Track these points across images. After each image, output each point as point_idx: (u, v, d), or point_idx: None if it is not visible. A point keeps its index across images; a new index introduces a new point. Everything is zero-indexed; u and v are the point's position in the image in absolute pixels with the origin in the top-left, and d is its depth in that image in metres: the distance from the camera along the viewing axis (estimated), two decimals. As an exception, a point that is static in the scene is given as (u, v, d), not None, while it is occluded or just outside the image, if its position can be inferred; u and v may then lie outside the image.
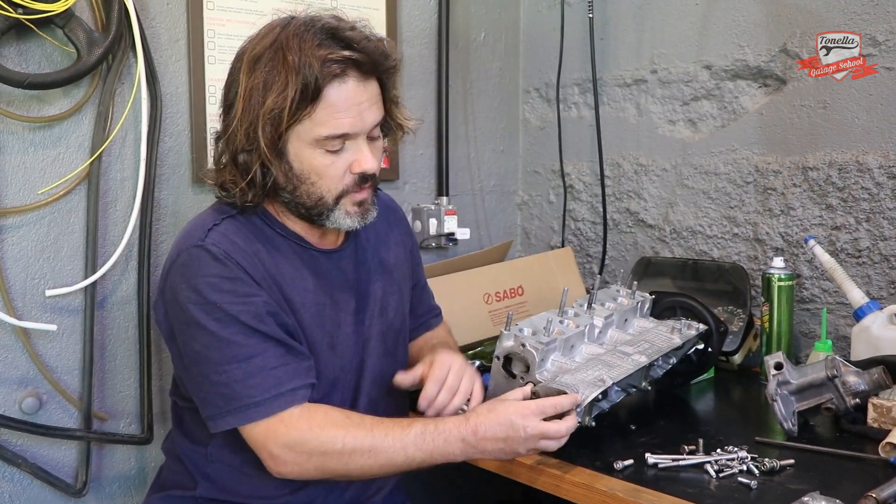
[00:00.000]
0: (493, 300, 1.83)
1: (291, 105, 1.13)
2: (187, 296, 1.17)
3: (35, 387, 1.54)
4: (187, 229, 1.25)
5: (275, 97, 1.14)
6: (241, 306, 1.16)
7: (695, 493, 1.11)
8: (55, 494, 1.56)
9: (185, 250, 1.19)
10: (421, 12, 2.10)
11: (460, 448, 1.15)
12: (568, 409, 1.18)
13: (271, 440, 1.15)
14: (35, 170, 1.52)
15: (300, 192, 1.22)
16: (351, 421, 1.18)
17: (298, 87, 1.13)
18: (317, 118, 1.16)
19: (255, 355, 1.16)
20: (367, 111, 1.20)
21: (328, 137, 1.17)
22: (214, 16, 1.71)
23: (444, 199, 2.14)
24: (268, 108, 1.14)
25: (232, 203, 1.24)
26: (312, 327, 1.25)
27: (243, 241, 1.21)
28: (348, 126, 1.18)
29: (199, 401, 1.20)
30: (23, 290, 1.52)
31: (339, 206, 1.23)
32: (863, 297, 1.57)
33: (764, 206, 1.87)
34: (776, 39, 1.82)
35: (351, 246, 1.35)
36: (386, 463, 1.15)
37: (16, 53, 1.47)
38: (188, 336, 1.18)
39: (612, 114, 2.16)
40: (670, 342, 1.45)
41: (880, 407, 1.33)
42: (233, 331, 1.15)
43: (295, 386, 1.17)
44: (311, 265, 1.27)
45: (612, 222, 2.18)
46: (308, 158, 1.19)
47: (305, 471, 1.16)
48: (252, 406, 1.15)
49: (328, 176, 1.20)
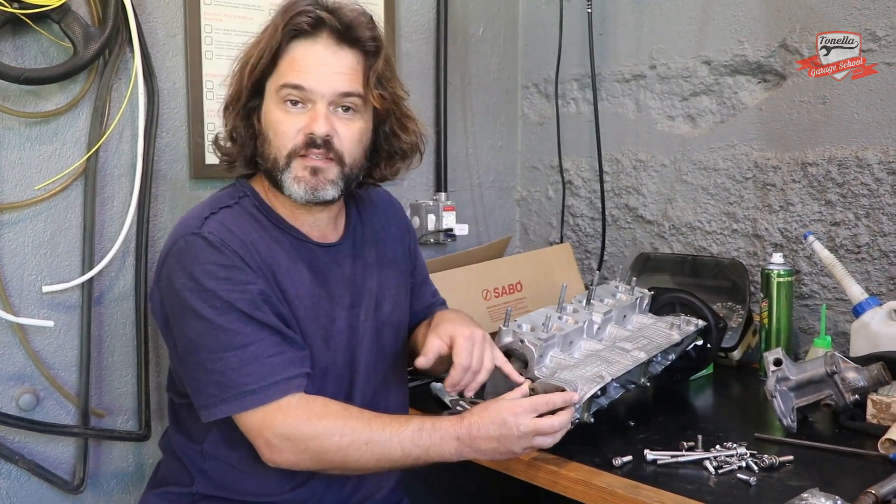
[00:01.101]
0: (491, 296, 1.82)
1: (262, 54, 1.19)
2: (183, 283, 1.16)
3: (32, 383, 1.54)
4: (184, 218, 1.25)
5: (256, 50, 1.20)
6: (237, 294, 1.16)
7: (694, 489, 1.11)
8: (53, 491, 1.56)
9: (182, 238, 1.19)
10: (419, 7, 2.09)
11: (455, 447, 1.15)
12: (561, 406, 1.18)
13: (268, 429, 1.14)
14: (31, 165, 1.51)
15: (264, 154, 1.23)
16: (349, 413, 1.17)
17: (268, 37, 1.19)
18: (280, 70, 1.20)
19: (251, 343, 1.15)
20: (334, 77, 1.19)
21: (285, 86, 1.19)
22: (212, 11, 1.70)
23: (443, 194, 2.13)
24: (244, 64, 1.21)
25: (232, 190, 1.28)
26: (306, 319, 1.24)
27: (240, 230, 1.21)
28: (306, 81, 1.18)
29: (192, 390, 1.19)
30: (19, 287, 1.51)
31: (290, 168, 1.20)
32: (862, 293, 1.57)
33: (763, 202, 1.87)
34: (776, 35, 1.81)
35: (349, 241, 1.35)
36: (382, 457, 1.15)
37: (12, 48, 1.46)
38: (184, 324, 1.17)
39: (610, 109, 2.15)
40: (669, 338, 1.45)
41: (879, 403, 1.33)
42: (229, 318, 1.15)
43: (290, 375, 1.17)
44: (307, 258, 1.27)
45: (611, 218, 2.18)
46: (269, 112, 1.22)
47: (301, 460, 1.16)
48: (247, 394, 1.14)
49: (280, 133, 1.20)
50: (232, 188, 1.30)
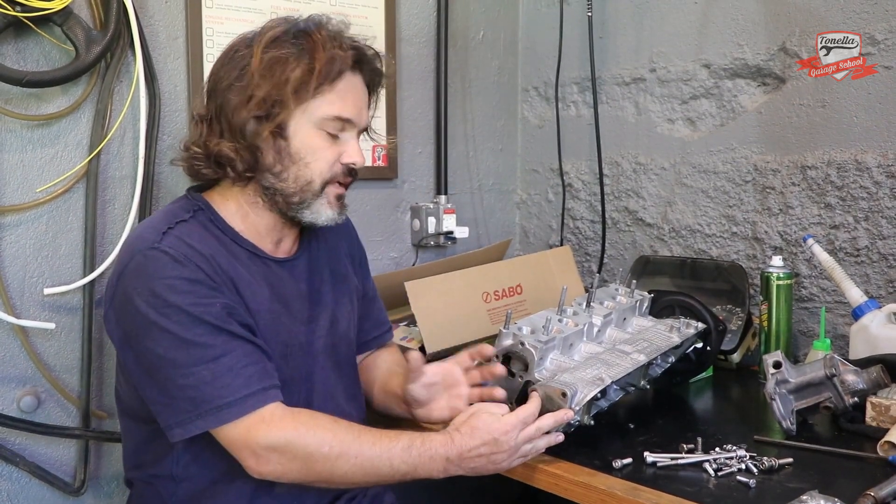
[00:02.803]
0: (491, 299, 1.82)
1: (318, 75, 1.18)
2: (146, 299, 1.11)
3: (33, 385, 1.54)
4: (137, 233, 1.20)
5: (302, 69, 1.18)
6: (203, 307, 1.12)
7: (693, 491, 1.11)
8: (54, 493, 1.56)
9: (140, 252, 1.14)
10: (420, 11, 2.10)
11: (443, 466, 1.15)
12: (552, 426, 1.19)
13: (252, 440, 1.11)
14: (33, 168, 1.52)
15: (288, 173, 1.22)
16: (339, 425, 1.15)
17: (324, 64, 1.19)
18: (330, 98, 1.21)
19: (223, 355, 1.11)
20: (364, 112, 1.27)
21: (335, 118, 1.21)
22: (213, 14, 1.71)
23: (443, 197, 2.14)
24: (294, 78, 1.17)
25: (196, 196, 1.26)
26: (267, 335, 1.21)
27: (199, 244, 1.18)
28: (354, 114, 1.23)
29: (161, 408, 1.13)
30: (21, 289, 1.52)
31: (323, 193, 1.24)
32: (861, 296, 1.57)
33: (763, 205, 1.87)
34: (775, 38, 1.82)
35: (304, 256, 1.33)
36: (371, 471, 1.14)
37: (14, 51, 1.47)
38: (149, 340, 1.12)
39: (610, 112, 2.16)
40: (669, 341, 1.45)
41: (879, 406, 1.33)
42: (197, 332, 1.11)
43: (266, 385, 1.14)
44: (265, 273, 1.25)
45: (611, 221, 2.18)
46: (307, 137, 1.21)
47: (288, 471, 1.13)
48: (224, 407, 1.10)
49: (322, 158, 1.22)
50: (185, 201, 1.26)
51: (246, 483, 1.18)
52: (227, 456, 1.15)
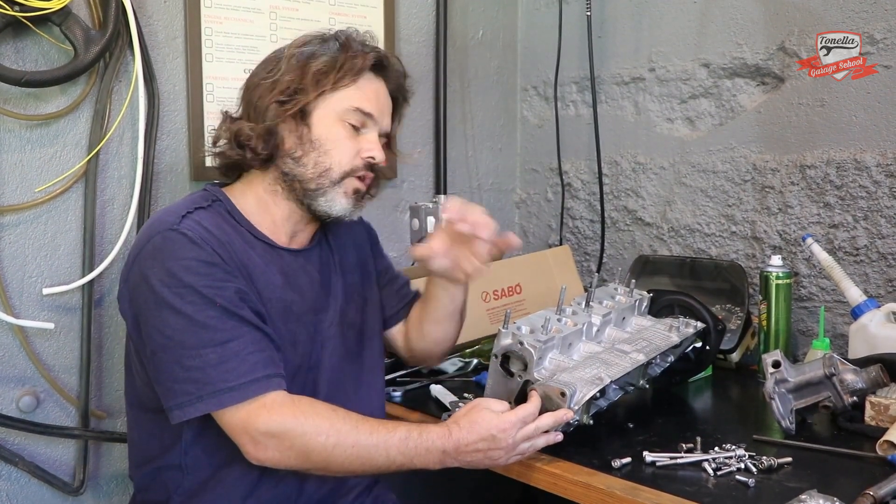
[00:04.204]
0: (490, 298, 1.82)
1: (340, 69, 1.25)
2: (160, 279, 1.13)
3: (32, 385, 1.54)
4: (157, 217, 1.23)
5: (325, 60, 1.25)
6: (216, 290, 1.14)
7: (693, 491, 1.11)
8: (53, 493, 1.56)
9: (158, 234, 1.16)
10: (419, 10, 2.10)
11: (439, 458, 1.16)
12: (552, 425, 1.19)
13: (252, 425, 1.12)
14: (32, 168, 1.52)
15: (308, 159, 1.25)
16: (336, 414, 1.16)
17: (346, 60, 1.26)
18: (351, 91, 1.27)
19: (232, 339, 1.13)
20: (386, 113, 1.33)
21: (356, 109, 1.27)
22: (212, 13, 1.71)
23: (442, 196, 2.12)
24: (316, 69, 1.24)
25: (223, 178, 1.32)
26: (277, 323, 1.24)
27: (216, 230, 1.21)
28: (375, 109, 1.29)
29: (164, 389, 1.15)
30: (20, 289, 1.52)
31: (341, 184, 1.27)
32: (860, 296, 1.57)
33: (762, 205, 1.87)
34: (774, 37, 1.82)
35: (317, 247, 1.36)
36: (367, 461, 1.15)
37: (12, 51, 1.47)
38: (158, 320, 1.14)
39: (609, 112, 2.16)
40: (668, 340, 1.45)
41: (878, 405, 1.33)
42: (209, 314, 1.13)
43: (270, 373, 1.16)
44: (278, 262, 1.27)
45: (610, 220, 2.19)
46: (330, 125, 1.26)
47: (285, 458, 1.14)
48: (226, 391, 1.12)
49: (343, 148, 1.26)
50: (204, 192, 1.29)
51: (249, 471, 1.19)
52: (230, 442, 1.16)
